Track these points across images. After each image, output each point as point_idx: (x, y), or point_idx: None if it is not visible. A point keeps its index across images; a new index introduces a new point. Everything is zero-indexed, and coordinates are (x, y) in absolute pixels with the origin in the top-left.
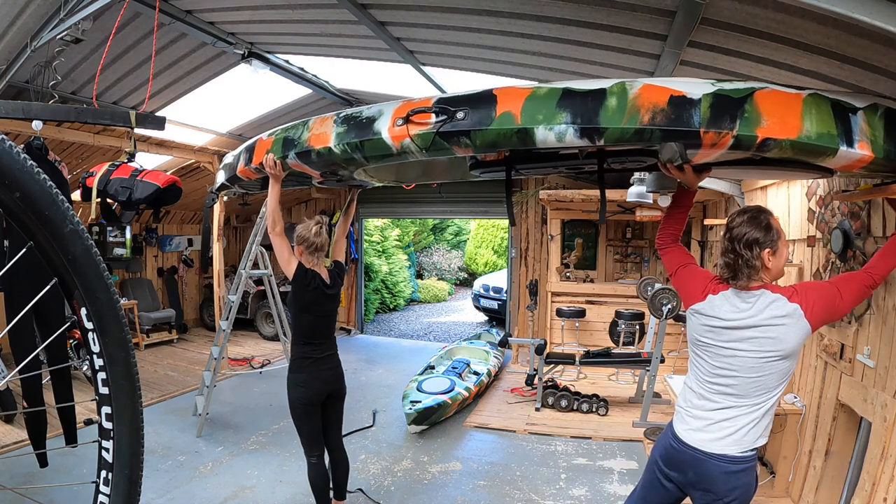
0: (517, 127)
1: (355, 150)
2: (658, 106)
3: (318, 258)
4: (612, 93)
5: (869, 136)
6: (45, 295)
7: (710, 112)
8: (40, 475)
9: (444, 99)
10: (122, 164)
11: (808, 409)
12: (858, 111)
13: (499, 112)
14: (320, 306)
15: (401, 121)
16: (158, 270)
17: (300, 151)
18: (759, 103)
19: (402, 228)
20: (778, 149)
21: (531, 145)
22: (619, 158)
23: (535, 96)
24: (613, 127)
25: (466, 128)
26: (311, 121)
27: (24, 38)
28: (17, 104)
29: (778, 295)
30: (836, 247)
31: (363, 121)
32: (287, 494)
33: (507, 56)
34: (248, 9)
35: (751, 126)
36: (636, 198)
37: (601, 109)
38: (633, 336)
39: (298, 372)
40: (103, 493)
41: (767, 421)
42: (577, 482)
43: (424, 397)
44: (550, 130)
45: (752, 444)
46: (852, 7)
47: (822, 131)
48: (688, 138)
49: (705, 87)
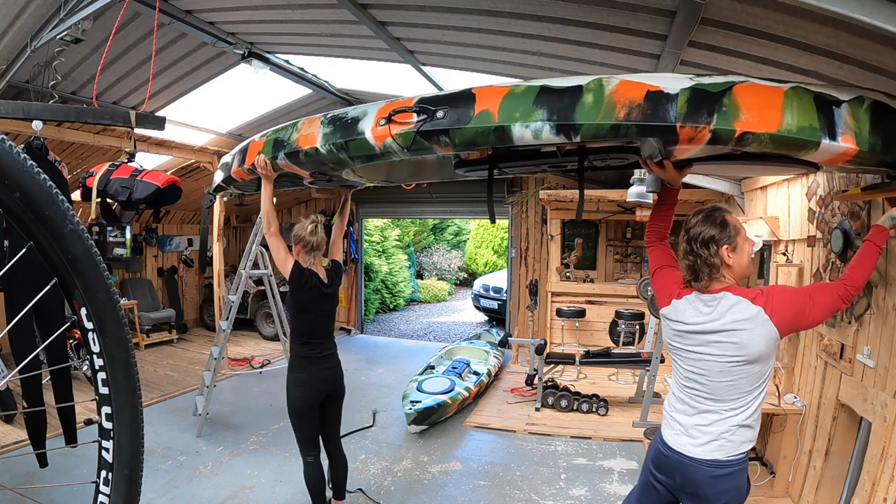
0: (494, 125)
1: (340, 149)
2: (634, 101)
3: (315, 257)
4: (588, 89)
5: (853, 129)
6: (45, 295)
7: (686, 107)
8: (40, 475)
9: (426, 98)
10: (122, 164)
11: (808, 409)
12: (843, 104)
13: (477, 110)
14: (318, 305)
15: (383, 120)
16: (158, 270)
17: (289, 152)
18: (738, 97)
19: (402, 228)
20: (757, 143)
21: (509, 143)
22: (601, 156)
23: (512, 94)
24: (589, 123)
25: (446, 126)
26: (301, 122)
27: (24, 38)
28: (17, 104)
29: (740, 297)
30: (837, 247)
31: (348, 121)
32: (287, 494)
33: (507, 56)
34: (248, 9)
35: (729, 120)
36: (636, 198)
37: (577, 106)
38: (633, 336)
39: (298, 372)
40: (103, 493)
41: (752, 424)
42: (577, 482)
43: (424, 397)
44: (527, 128)
45: (737, 449)
46: (852, 7)
47: (803, 124)
48: (664, 133)
49: (683, 81)
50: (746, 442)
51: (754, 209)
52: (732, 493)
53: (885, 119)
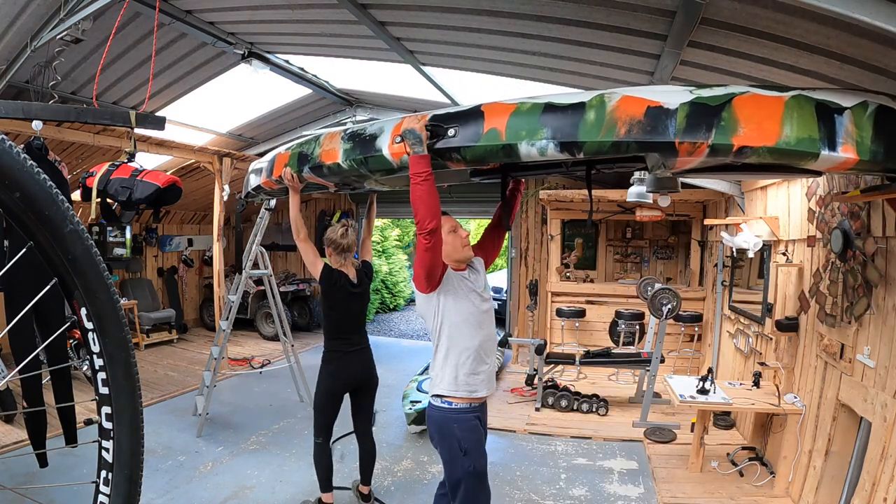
0: (502, 143)
1: (361, 164)
2: (635, 118)
3: (345, 258)
4: (590, 106)
5: (855, 138)
6: (45, 295)
7: (686, 122)
8: (40, 475)
9: (438, 116)
10: (122, 164)
11: (808, 409)
12: (845, 111)
13: (486, 128)
14: (346, 304)
15: (399, 139)
16: (158, 270)
17: (313, 166)
18: (737, 110)
19: (402, 228)
20: (756, 156)
21: (516, 159)
22: (608, 165)
23: (518, 112)
24: (591, 141)
25: (457, 144)
26: (322, 136)
27: (24, 38)
28: (17, 104)
29: None
30: (836, 247)
31: (367, 138)
32: (287, 494)
33: (507, 56)
34: (248, 9)
35: (727, 135)
36: (636, 198)
37: (580, 123)
38: (633, 336)
39: (328, 364)
40: (103, 493)
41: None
42: (577, 482)
43: (424, 397)
44: (532, 146)
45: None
46: (852, 7)
47: (802, 136)
48: (663, 149)
49: (683, 95)
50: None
51: (754, 209)
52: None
53: (888, 125)
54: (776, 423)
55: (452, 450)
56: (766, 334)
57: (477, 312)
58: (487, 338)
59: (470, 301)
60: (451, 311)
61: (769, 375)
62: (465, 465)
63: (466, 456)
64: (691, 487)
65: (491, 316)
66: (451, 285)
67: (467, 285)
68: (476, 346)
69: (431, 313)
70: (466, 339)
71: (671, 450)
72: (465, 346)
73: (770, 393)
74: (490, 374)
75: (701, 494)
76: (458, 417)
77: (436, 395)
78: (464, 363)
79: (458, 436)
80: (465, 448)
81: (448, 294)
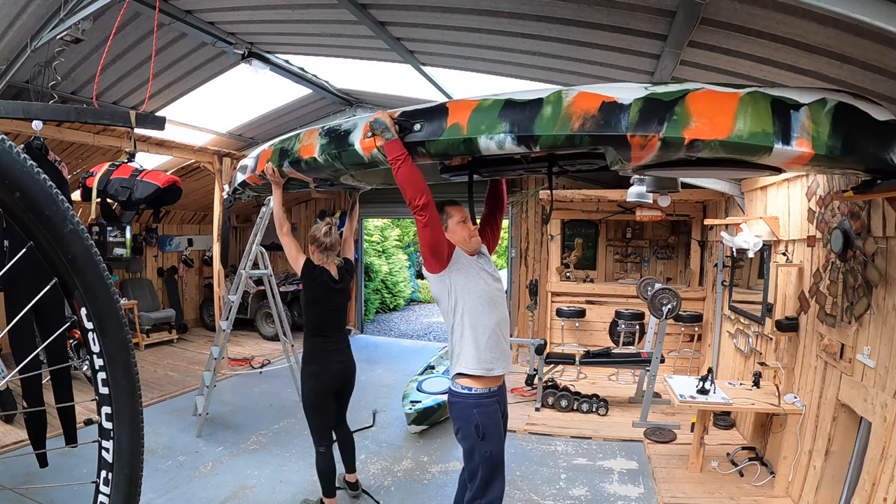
0: (463, 137)
1: (335, 159)
2: (589, 112)
3: (328, 256)
4: (548, 102)
5: (811, 133)
6: (45, 295)
7: (638, 116)
8: (40, 475)
9: (406, 112)
10: (122, 164)
11: (808, 409)
12: (802, 107)
13: (449, 123)
14: (328, 299)
15: (370, 133)
16: (158, 270)
17: (292, 161)
18: (691, 105)
19: (402, 228)
20: (708, 149)
21: (477, 153)
22: (569, 161)
23: (480, 108)
24: (546, 134)
25: (422, 139)
26: (303, 132)
27: (24, 38)
28: (17, 104)
29: None
30: (836, 247)
31: (341, 133)
32: (287, 494)
33: (507, 56)
34: (248, 9)
35: (678, 128)
36: (636, 198)
37: (537, 118)
38: (633, 336)
39: (310, 364)
40: (103, 493)
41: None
42: (577, 482)
43: (424, 397)
44: (491, 139)
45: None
46: (852, 7)
47: (755, 130)
48: (615, 143)
49: (638, 91)
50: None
51: (754, 209)
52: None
53: (847, 121)
54: (776, 423)
55: (471, 434)
56: (766, 334)
57: (490, 290)
58: (502, 318)
59: (482, 279)
60: (463, 289)
61: (769, 375)
62: (483, 450)
63: (484, 440)
64: (691, 487)
65: (503, 297)
66: (461, 264)
67: (478, 264)
68: (493, 324)
69: (445, 293)
70: (483, 317)
71: (671, 450)
72: (483, 323)
73: (770, 393)
74: (507, 353)
75: (701, 494)
76: (479, 402)
77: (458, 374)
78: (483, 340)
79: (478, 420)
80: (484, 433)
81: (459, 272)
